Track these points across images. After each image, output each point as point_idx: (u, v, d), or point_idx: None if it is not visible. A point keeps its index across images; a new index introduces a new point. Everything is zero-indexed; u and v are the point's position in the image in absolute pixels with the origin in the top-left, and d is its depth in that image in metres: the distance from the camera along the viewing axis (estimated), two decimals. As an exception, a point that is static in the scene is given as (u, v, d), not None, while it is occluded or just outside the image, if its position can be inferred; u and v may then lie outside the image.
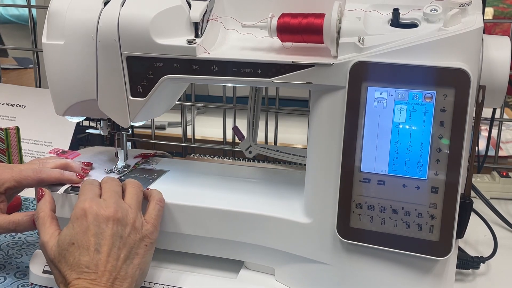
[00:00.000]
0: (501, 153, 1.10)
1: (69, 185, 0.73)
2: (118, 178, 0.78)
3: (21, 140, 1.00)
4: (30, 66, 1.77)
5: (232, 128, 1.01)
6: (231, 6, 0.70)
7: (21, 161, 1.00)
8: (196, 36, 0.67)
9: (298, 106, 1.10)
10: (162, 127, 1.24)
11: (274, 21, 0.64)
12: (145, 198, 0.70)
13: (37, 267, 0.74)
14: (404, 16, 0.61)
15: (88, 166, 0.78)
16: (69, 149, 1.00)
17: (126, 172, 0.80)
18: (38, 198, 0.69)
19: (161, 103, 0.75)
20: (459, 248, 0.75)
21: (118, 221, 0.62)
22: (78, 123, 1.07)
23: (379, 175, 0.60)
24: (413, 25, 0.60)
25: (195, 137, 1.14)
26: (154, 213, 0.67)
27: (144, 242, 0.64)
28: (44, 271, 0.74)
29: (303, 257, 0.67)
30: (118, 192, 0.67)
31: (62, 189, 0.73)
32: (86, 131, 0.86)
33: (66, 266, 0.60)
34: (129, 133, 0.80)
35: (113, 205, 0.63)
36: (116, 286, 0.59)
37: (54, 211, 0.67)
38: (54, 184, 0.73)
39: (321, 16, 0.62)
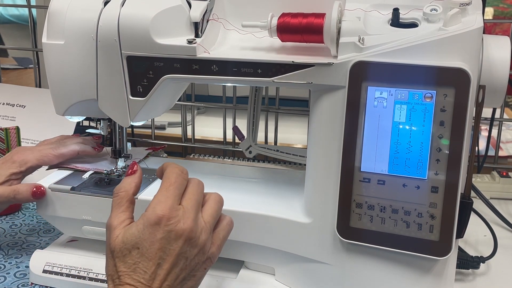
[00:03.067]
0: (501, 153, 1.10)
1: (94, 170, 0.79)
2: (119, 177, 0.78)
3: (21, 140, 1.00)
4: (30, 66, 1.77)
5: (232, 128, 1.01)
6: (231, 6, 0.70)
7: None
8: (196, 36, 0.67)
9: (298, 106, 1.10)
10: (162, 127, 1.24)
11: (274, 21, 0.64)
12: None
13: (37, 267, 0.74)
14: (404, 16, 0.61)
15: (98, 139, 0.85)
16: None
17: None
18: (128, 173, 0.64)
19: (161, 103, 0.75)
20: (459, 248, 0.75)
21: (190, 240, 0.58)
22: (78, 123, 1.07)
23: (379, 174, 0.60)
24: (413, 25, 0.60)
25: (195, 137, 1.14)
26: (222, 234, 0.63)
27: (204, 265, 0.61)
28: (44, 271, 0.74)
29: (303, 257, 0.67)
30: (200, 203, 0.62)
31: (87, 174, 0.78)
32: (86, 131, 0.86)
33: (123, 265, 0.57)
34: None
35: (191, 222, 0.58)
36: None
37: (135, 195, 0.63)
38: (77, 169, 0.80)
39: (321, 15, 0.62)
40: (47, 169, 0.81)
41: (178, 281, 0.58)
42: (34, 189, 0.75)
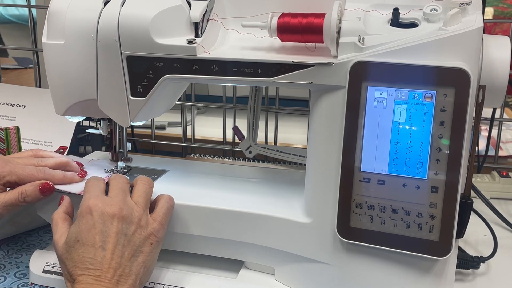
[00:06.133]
0: (501, 153, 1.10)
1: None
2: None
3: (21, 140, 1.00)
4: (30, 66, 1.77)
5: (232, 128, 1.01)
6: (231, 6, 0.70)
7: (21, 161, 0.99)
8: (196, 36, 0.67)
9: (298, 106, 1.10)
10: (162, 127, 1.24)
11: (274, 21, 0.64)
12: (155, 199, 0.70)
13: (37, 267, 0.74)
14: (404, 16, 0.61)
15: (82, 166, 0.79)
16: (69, 149, 1.00)
17: (126, 172, 0.80)
18: (58, 203, 0.70)
19: (161, 103, 0.75)
20: (459, 248, 0.75)
21: (123, 219, 0.62)
22: (78, 123, 1.07)
23: (379, 174, 0.60)
24: (413, 24, 0.60)
25: (195, 137, 1.14)
26: (162, 211, 0.67)
27: (149, 240, 0.64)
28: (44, 271, 0.74)
29: (303, 257, 0.67)
30: (125, 190, 0.67)
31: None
32: (86, 131, 0.86)
33: (71, 262, 0.61)
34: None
35: (119, 203, 0.63)
36: (121, 283, 0.60)
37: (68, 213, 0.68)
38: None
39: (321, 15, 0.62)
40: None
41: (126, 258, 0.61)
42: (41, 186, 0.70)
